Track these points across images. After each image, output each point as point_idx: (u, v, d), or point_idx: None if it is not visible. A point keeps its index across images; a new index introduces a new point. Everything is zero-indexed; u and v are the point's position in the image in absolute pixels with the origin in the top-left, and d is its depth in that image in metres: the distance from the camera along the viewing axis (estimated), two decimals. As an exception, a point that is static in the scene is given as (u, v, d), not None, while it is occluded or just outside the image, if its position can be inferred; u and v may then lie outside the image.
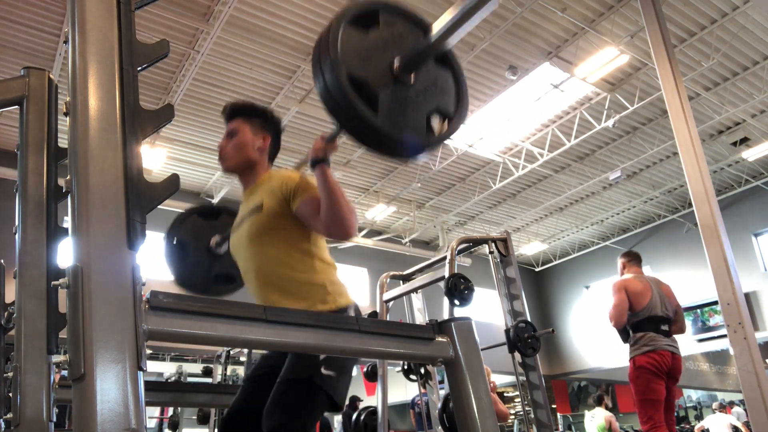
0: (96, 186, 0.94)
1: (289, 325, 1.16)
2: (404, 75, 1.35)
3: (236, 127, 1.92)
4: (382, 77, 1.33)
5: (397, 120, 1.33)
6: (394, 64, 1.35)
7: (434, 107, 1.43)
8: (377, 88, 1.31)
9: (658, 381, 3.73)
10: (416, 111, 1.38)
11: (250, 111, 1.97)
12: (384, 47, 1.36)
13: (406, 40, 1.41)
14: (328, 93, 1.28)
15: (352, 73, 1.28)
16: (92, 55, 1.01)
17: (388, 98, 1.32)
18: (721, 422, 9.37)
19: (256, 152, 1.91)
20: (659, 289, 3.99)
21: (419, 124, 1.39)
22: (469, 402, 1.30)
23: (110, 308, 0.88)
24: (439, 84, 1.46)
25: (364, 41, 1.34)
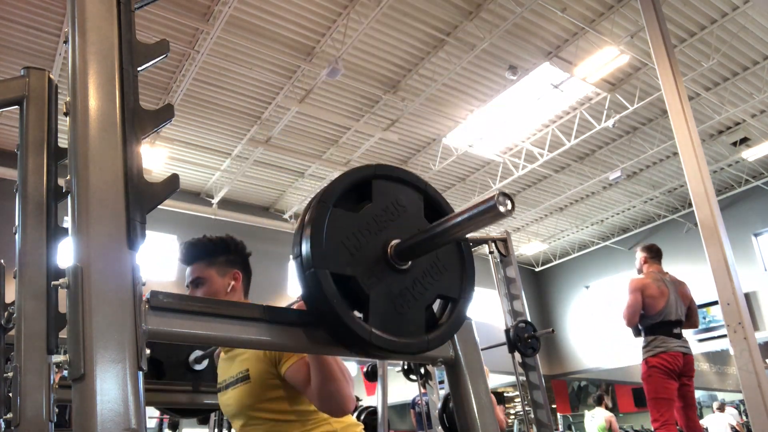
0: (96, 186, 0.94)
1: (289, 325, 1.16)
2: (400, 262, 1.14)
3: (200, 274, 1.71)
4: (374, 269, 1.13)
5: (392, 323, 1.13)
6: (388, 247, 1.14)
7: (435, 295, 1.21)
8: (367, 286, 1.11)
9: (669, 381, 3.80)
10: (414, 305, 1.16)
11: (211, 250, 1.75)
12: (378, 227, 1.16)
13: (403, 210, 1.20)
14: (311, 297, 1.10)
15: (337, 271, 1.08)
16: (92, 55, 1.01)
17: (380, 296, 1.12)
18: (720, 422, 9.38)
19: (230, 296, 1.72)
20: (676, 293, 4.04)
21: (417, 321, 1.17)
22: (469, 402, 1.30)
23: (110, 308, 0.88)
24: (440, 262, 1.22)
25: (354, 224, 1.13)
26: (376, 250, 1.14)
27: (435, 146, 9.86)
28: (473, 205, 1.03)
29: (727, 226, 3.98)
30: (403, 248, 1.14)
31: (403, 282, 1.16)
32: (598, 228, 13.64)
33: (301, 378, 1.52)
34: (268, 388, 1.60)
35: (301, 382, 1.52)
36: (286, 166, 10.25)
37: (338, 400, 1.45)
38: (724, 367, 15.02)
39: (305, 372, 1.51)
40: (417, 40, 7.54)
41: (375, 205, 1.17)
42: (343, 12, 6.97)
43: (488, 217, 1.01)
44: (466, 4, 7.01)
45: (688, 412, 3.93)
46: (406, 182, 1.24)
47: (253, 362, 1.63)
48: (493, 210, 0.99)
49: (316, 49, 7.50)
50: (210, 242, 1.77)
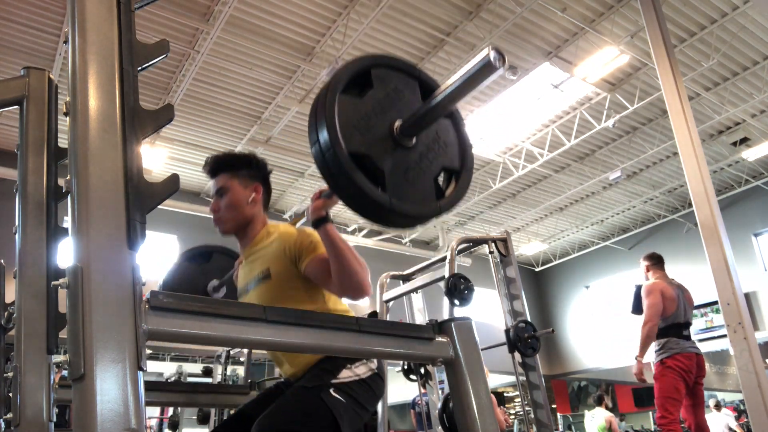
0: (96, 186, 0.94)
1: (289, 325, 1.16)
2: (406, 139, 1.28)
3: (224, 184, 1.84)
4: (384, 146, 1.26)
5: (406, 192, 1.26)
6: (394, 127, 1.27)
7: (440, 167, 1.35)
8: (380, 161, 1.23)
9: (681, 382, 3.86)
10: (423, 176, 1.31)
11: (235, 163, 1.87)
12: (382, 109, 1.28)
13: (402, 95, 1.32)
14: (331, 173, 1.20)
15: (353, 150, 1.19)
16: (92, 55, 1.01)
17: (393, 169, 1.25)
18: (719, 421, 9.38)
19: (251, 207, 1.83)
20: (684, 298, 4.12)
21: (428, 190, 1.31)
22: (469, 402, 1.30)
23: (110, 308, 0.88)
24: (441, 138, 1.37)
25: (360, 108, 1.25)
26: (383, 131, 1.27)
27: (435, 146, 9.85)
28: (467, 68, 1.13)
29: (727, 226, 3.99)
30: (407, 124, 1.27)
31: (411, 157, 1.29)
32: (598, 228, 13.64)
33: (321, 271, 1.63)
34: (289, 284, 1.70)
35: (321, 275, 1.64)
36: (286, 166, 10.25)
37: (357, 286, 1.57)
38: (724, 367, 15.02)
39: (325, 265, 1.61)
40: (417, 40, 7.53)
41: (377, 90, 1.29)
42: (343, 12, 6.97)
43: (484, 74, 1.10)
44: (466, 4, 7.01)
45: (697, 411, 4.02)
46: (401, 69, 1.36)
47: (273, 261, 1.72)
48: (489, 67, 1.08)
49: (316, 49, 7.50)
50: (234, 156, 1.92)
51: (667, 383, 3.85)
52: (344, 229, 12.06)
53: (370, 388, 1.69)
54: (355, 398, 1.62)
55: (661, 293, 3.99)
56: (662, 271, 4.25)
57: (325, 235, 1.57)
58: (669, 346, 3.94)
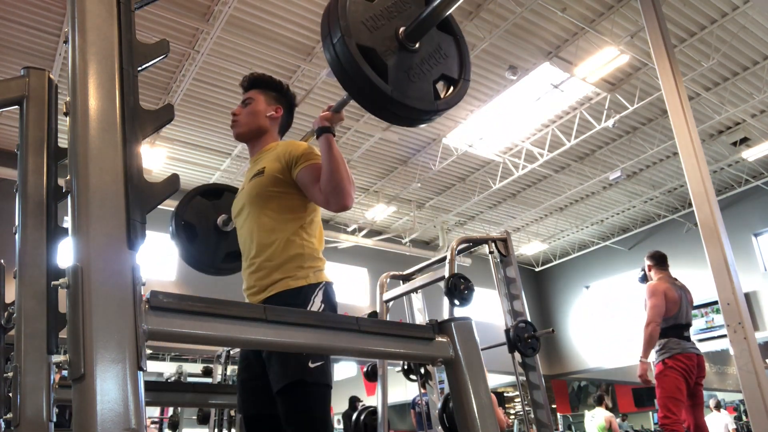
0: (96, 186, 0.94)
1: (289, 325, 1.16)
2: (409, 43, 1.41)
3: (251, 96, 1.99)
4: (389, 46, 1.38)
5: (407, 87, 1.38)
6: (399, 32, 1.40)
7: (439, 74, 1.49)
8: (385, 57, 1.36)
9: (683, 382, 3.87)
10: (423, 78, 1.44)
11: (267, 83, 2.03)
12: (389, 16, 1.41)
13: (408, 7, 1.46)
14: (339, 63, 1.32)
15: (360, 42, 1.33)
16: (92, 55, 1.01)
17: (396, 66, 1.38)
18: (719, 421, 9.37)
19: (267, 120, 1.97)
20: (686, 299, 4.15)
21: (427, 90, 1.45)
22: (469, 402, 1.30)
23: (110, 308, 0.88)
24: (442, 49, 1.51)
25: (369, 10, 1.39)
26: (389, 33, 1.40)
27: (435, 146, 9.85)
28: None
29: (727, 226, 3.98)
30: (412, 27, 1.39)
31: (413, 59, 1.42)
32: (598, 228, 13.64)
33: (310, 179, 1.73)
34: (277, 184, 1.79)
35: (309, 183, 1.74)
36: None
37: (342, 191, 1.65)
38: (724, 367, 15.02)
39: (316, 173, 1.71)
40: (417, 40, 7.53)
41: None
42: (343, 12, 6.97)
43: None
44: (466, 4, 7.01)
45: (696, 412, 4.04)
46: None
47: (270, 161, 1.84)
48: None
49: (316, 49, 7.50)
50: (270, 77, 2.06)
51: (669, 383, 3.85)
52: (344, 228, 12.07)
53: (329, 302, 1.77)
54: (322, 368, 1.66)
55: (664, 295, 3.99)
56: (665, 271, 4.25)
57: (325, 142, 1.68)
58: (669, 346, 3.94)
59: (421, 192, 11.41)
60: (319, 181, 1.70)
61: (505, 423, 4.44)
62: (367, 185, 11.06)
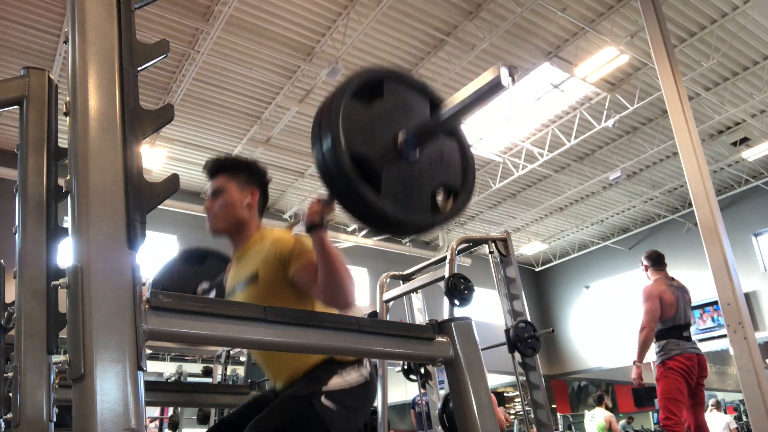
0: (96, 186, 0.94)
1: (289, 325, 1.16)
2: (409, 150, 1.27)
3: (221, 185, 1.79)
4: (385, 153, 1.25)
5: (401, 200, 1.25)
6: (398, 138, 1.27)
7: (439, 183, 1.35)
8: (380, 166, 1.23)
9: (684, 383, 3.87)
10: (421, 189, 1.30)
11: (234, 166, 1.85)
12: (388, 120, 1.28)
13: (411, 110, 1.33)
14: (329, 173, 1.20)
15: (354, 150, 1.19)
16: (92, 55, 1.01)
17: (392, 177, 1.24)
18: (719, 421, 9.36)
19: (245, 210, 1.79)
20: (684, 299, 4.13)
21: (424, 202, 1.31)
22: (469, 402, 1.30)
23: (110, 308, 0.88)
24: (444, 156, 1.36)
25: (367, 114, 1.26)
26: (387, 140, 1.26)
27: (435, 146, 9.85)
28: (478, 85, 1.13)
29: (727, 226, 3.98)
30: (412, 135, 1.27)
31: (411, 169, 1.29)
32: (598, 228, 13.64)
33: (309, 277, 1.60)
34: (276, 289, 1.66)
35: (309, 280, 1.60)
36: (286, 166, 10.25)
37: (343, 293, 1.53)
38: (724, 367, 15.01)
39: (313, 272, 1.59)
40: (417, 40, 7.53)
41: (386, 101, 1.29)
42: (343, 12, 6.97)
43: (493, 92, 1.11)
44: (466, 4, 7.00)
45: (697, 412, 4.04)
46: (414, 86, 1.38)
47: (262, 264, 1.70)
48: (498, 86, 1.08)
49: (316, 49, 7.50)
50: (235, 159, 1.91)
51: (669, 384, 3.85)
52: (344, 228, 12.06)
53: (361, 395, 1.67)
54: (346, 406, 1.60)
55: (659, 298, 3.99)
56: (662, 271, 4.24)
57: (318, 241, 1.53)
58: (669, 347, 3.94)
59: (421, 192, 11.39)
60: (316, 280, 1.56)
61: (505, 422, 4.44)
62: (367, 185, 11.05)
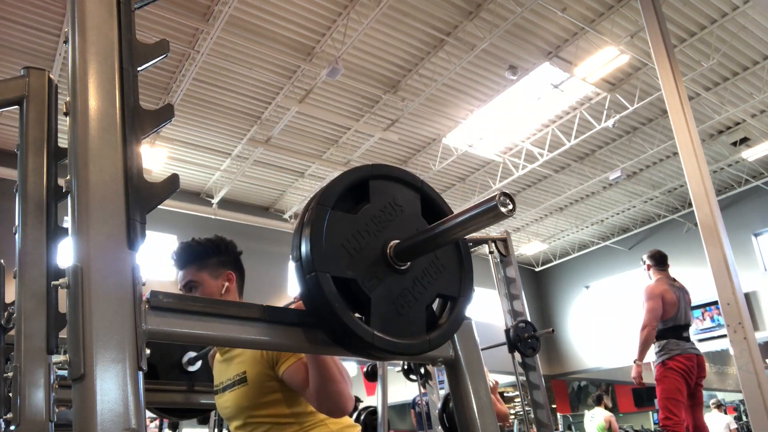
0: (96, 186, 0.94)
1: (289, 325, 1.16)
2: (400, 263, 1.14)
3: (192, 278, 1.70)
4: (374, 270, 1.12)
5: (393, 324, 1.12)
6: (388, 247, 1.14)
7: (434, 294, 1.21)
8: (368, 287, 1.10)
9: (683, 384, 3.89)
10: (414, 305, 1.16)
11: (202, 253, 1.74)
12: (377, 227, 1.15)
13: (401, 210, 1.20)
14: (312, 302, 1.08)
15: (338, 275, 1.08)
16: (92, 55, 1.01)
17: (382, 298, 1.11)
18: (720, 421, 9.36)
19: (225, 298, 1.70)
20: (685, 300, 4.15)
21: (419, 322, 1.17)
22: (469, 402, 1.30)
23: (110, 308, 0.88)
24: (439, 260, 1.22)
25: (352, 226, 1.12)
26: (375, 252, 1.13)
27: (435, 146, 9.85)
28: (474, 206, 1.01)
29: (727, 226, 3.98)
30: (402, 248, 1.13)
31: (403, 282, 1.15)
32: (598, 228, 13.64)
33: (300, 379, 1.51)
34: (266, 390, 1.59)
35: (300, 383, 1.51)
36: (286, 166, 10.25)
37: (337, 400, 1.44)
38: (724, 367, 15.01)
39: (303, 373, 1.50)
40: (417, 40, 7.53)
41: (373, 205, 1.16)
42: (343, 12, 6.97)
43: (489, 217, 1.00)
44: (466, 4, 7.01)
45: (696, 412, 4.06)
46: (403, 181, 1.23)
47: (250, 364, 1.61)
48: (494, 210, 0.97)
49: (316, 49, 7.50)
50: (199, 245, 1.74)
51: (669, 384, 3.86)
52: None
53: None
54: None
55: (661, 297, 3.99)
56: (665, 271, 4.24)
57: None
58: (669, 347, 3.95)
59: (421, 192, 11.39)
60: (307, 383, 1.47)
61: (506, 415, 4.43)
62: (367, 185, 11.05)
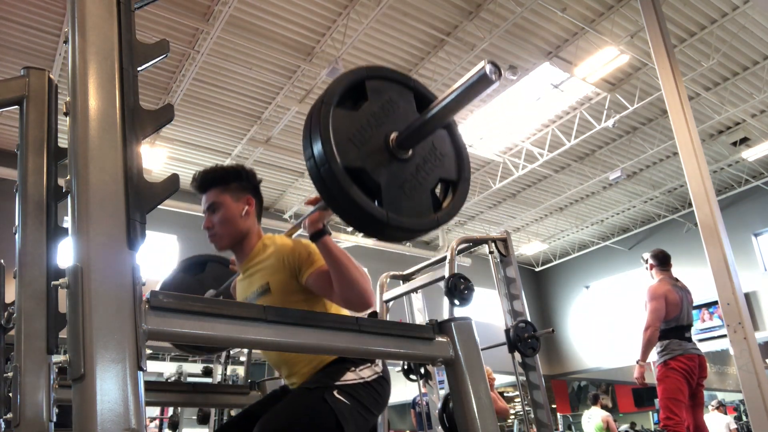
0: (96, 186, 0.94)
1: (289, 325, 1.16)
2: (402, 151, 1.26)
3: (215, 199, 1.79)
4: (379, 159, 1.23)
5: (403, 205, 1.24)
6: (390, 139, 1.25)
7: (437, 179, 1.33)
8: (377, 175, 1.21)
9: (685, 384, 3.87)
10: (420, 188, 1.29)
11: (225, 176, 1.82)
12: (376, 123, 1.25)
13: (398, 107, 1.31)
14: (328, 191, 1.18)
15: (349, 164, 1.17)
16: (92, 55, 1.01)
17: (390, 183, 1.23)
18: (720, 421, 9.36)
19: (245, 220, 1.78)
20: (687, 300, 4.14)
21: (426, 202, 1.29)
22: (469, 402, 1.30)
23: (110, 308, 0.88)
24: (437, 150, 1.35)
25: (355, 122, 1.23)
26: (379, 144, 1.24)
27: (435, 146, 9.85)
28: (464, 80, 1.10)
29: (727, 226, 3.99)
30: (404, 137, 1.25)
31: (407, 170, 1.27)
32: (598, 228, 13.64)
33: (323, 284, 1.61)
34: (289, 297, 1.67)
35: (323, 287, 1.62)
36: (286, 166, 10.25)
37: (361, 297, 1.56)
38: (724, 367, 15.01)
39: (326, 278, 1.59)
40: (417, 40, 7.53)
41: (371, 103, 1.26)
42: (343, 12, 6.97)
43: (481, 87, 1.08)
44: (466, 4, 7.01)
45: (696, 412, 4.04)
46: (396, 81, 1.34)
47: (272, 274, 1.70)
48: (485, 80, 1.05)
49: (316, 49, 7.50)
50: (222, 169, 1.85)
51: (670, 385, 3.86)
52: (344, 228, 12.06)
53: (375, 391, 1.67)
54: (360, 401, 1.60)
55: (665, 298, 3.99)
56: (667, 271, 4.23)
57: (324, 249, 1.54)
58: (671, 347, 3.94)
59: (421, 192, 11.40)
60: (331, 286, 1.58)
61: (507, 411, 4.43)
62: (367, 185, 11.05)
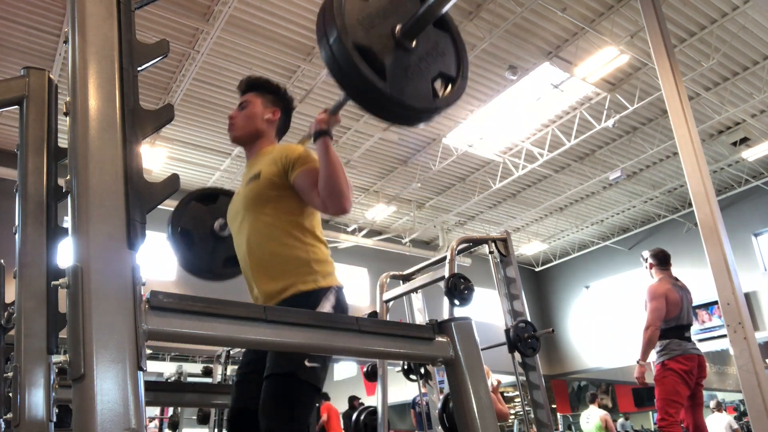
0: (96, 186, 0.94)
1: (289, 325, 1.16)
2: (406, 41, 1.39)
3: (248, 99, 1.98)
4: (386, 44, 1.36)
5: (405, 86, 1.37)
6: (395, 30, 1.38)
7: (437, 72, 1.47)
8: (383, 56, 1.34)
9: (683, 385, 3.86)
10: (421, 76, 1.42)
11: (264, 86, 2.03)
12: (384, 14, 1.39)
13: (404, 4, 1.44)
14: (336, 63, 1.30)
15: (357, 41, 1.30)
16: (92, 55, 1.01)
17: (394, 65, 1.35)
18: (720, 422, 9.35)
19: (264, 123, 1.96)
20: (687, 300, 4.14)
21: (426, 88, 1.43)
22: (469, 402, 1.30)
23: (110, 308, 0.88)
24: (439, 47, 1.50)
25: (365, 9, 1.37)
26: (386, 31, 1.37)
27: (435, 146, 9.85)
28: None
29: (727, 226, 3.98)
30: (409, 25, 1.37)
31: (411, 58, 1.40)
32: (598, 228, 13.64)
33: (309, 183, 1.71)
34: (274, 187, 1.77)
35: (308, 186, 1.71)
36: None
37: (339, 198, 1.64)
38: (724, 367, 15.02)
39: (314, 177, 1.69)
40: (417, 40, 7.53)
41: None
42: (343, 12, 6.97)
43: None
44: (466, 4, 7.01)
45: (696, 412, 4.04)
46: None
47: (266, 165, 1.81)
48: None
49: (316, 49, 7.49)
50: (267, 81, 2.06)
51: (668, 385, 3.85)
52: (344, 228, 12.07)
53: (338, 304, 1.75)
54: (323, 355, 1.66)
55: (665, 297, 3.98)
56: (667, 270, 4.23)
57: (322, 145, 1.66)
58: (670, 347, 3.94)
59: (421, 192, 11.41)
60: (316, 186, 1.68)
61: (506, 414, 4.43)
62: (367, 185, 11.06)
